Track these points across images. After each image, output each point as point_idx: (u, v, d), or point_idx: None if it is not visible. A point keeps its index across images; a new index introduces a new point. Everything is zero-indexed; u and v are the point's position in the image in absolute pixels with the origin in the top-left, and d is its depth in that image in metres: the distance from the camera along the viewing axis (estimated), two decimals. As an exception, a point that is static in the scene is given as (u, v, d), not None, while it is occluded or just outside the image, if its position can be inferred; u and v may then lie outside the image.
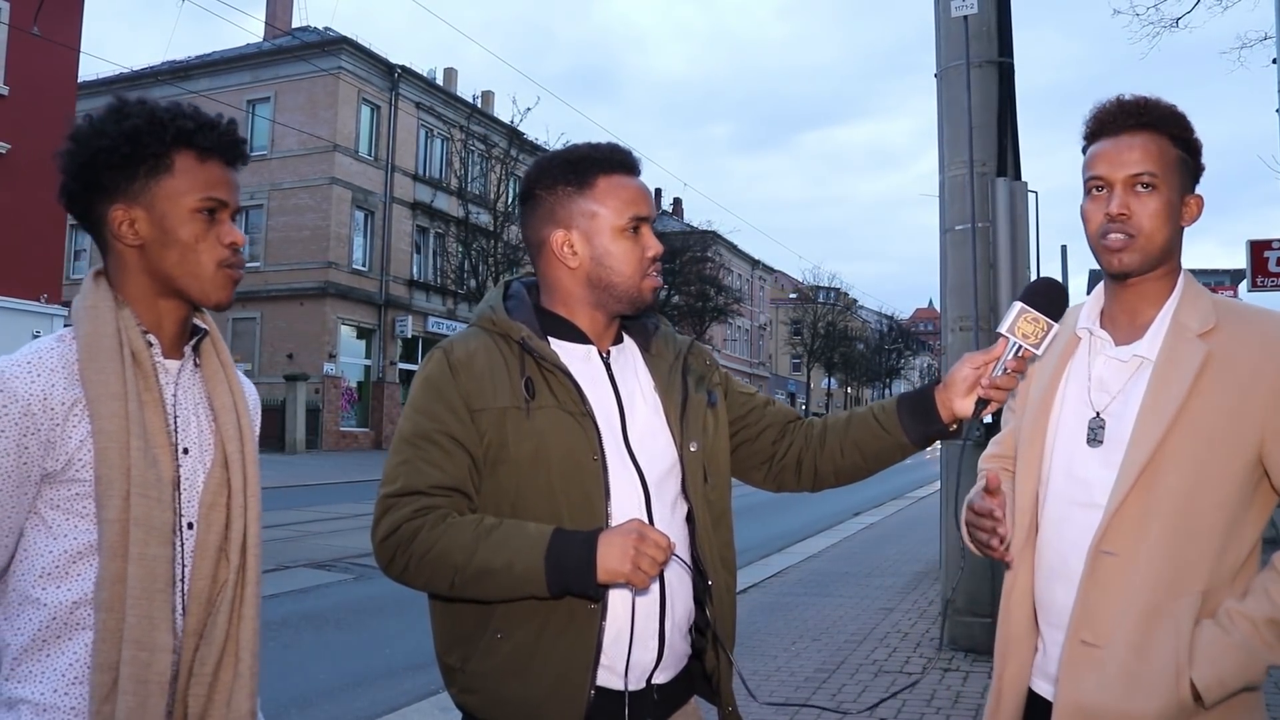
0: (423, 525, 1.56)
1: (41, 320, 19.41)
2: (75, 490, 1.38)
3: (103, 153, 1.43)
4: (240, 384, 1.61)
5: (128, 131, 1.42)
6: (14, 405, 1.34)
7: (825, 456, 1.83)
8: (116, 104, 1.47)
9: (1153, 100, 1.63)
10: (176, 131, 1.44)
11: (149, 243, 1.46)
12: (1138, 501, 1.53)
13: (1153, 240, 1.59)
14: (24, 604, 1.38)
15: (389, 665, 5.89)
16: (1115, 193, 1.60)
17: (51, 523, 1.38)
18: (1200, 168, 1.65)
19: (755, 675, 5.36)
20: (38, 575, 1.38)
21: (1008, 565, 1.71)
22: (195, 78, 29.90)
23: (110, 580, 1.35)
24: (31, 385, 1.36)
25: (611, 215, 1.68)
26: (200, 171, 1.46)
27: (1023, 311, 1.63)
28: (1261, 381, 1.50)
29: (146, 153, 1.43)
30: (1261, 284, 11.01)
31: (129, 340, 1.43)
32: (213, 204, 1.46)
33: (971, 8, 5.85)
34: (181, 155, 1.45)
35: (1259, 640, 1.45)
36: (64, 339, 1.44)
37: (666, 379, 1.76)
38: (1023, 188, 5.80)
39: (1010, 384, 1.66)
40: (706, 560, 1.70)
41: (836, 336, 56.45)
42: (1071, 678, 1.56)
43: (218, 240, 1.47)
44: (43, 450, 1.36)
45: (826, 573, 9.11)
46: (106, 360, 1.40)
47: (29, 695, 1.37)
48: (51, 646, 1.37)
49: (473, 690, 1.64)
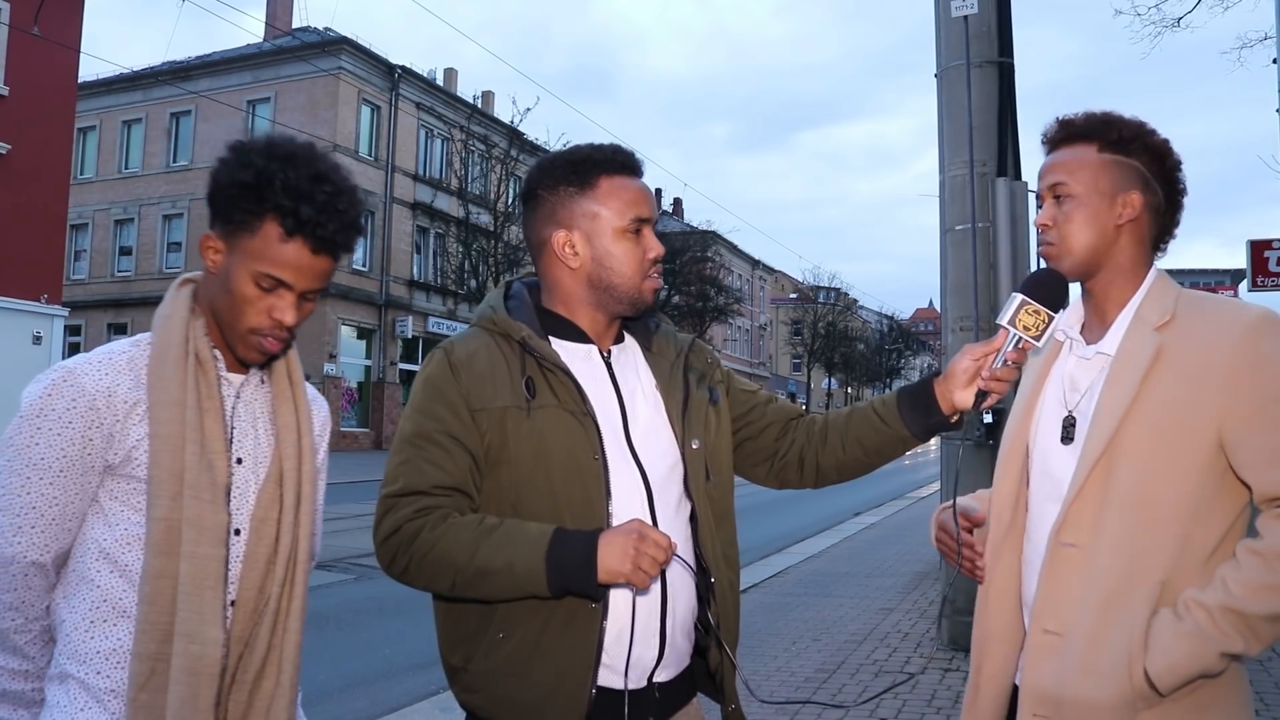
0: (424, 525, 1.56)
1: (41, 320, 19.40)
2: (130, 486, 1.47)
3: (217, 184, 1.49)
4: (308, 404, 1.67)
5: (237, 180, 1.46)
6: (81, 399, 1.44)
7: (827, 452, 1.83)
8: (263, 144, 1.50)
9: (1082, 114, 1.71)
10: (275, 206, 1.46)
11: (218, 276, 1.52)
12: (1095, 492, 1.56)
13: (1070, 244, 1.66)
14: (80, 583, 1.47)
15: (389, 665, 5.89)
16: (1045, 205, 1.70)
17: (109, 511, 1.48)
18: (1164, 166, 1.67)
19: (756, 675, 5.36)
20: (94, 557, 1.47)
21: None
22: (196, 78, 29.91)
23: (154, 575, 1.43)
24: (99, 381, 1.45)
25: (613, 216, 1.68)
26: (277, 249, 1.47)
27: (1024, 303, 1.65)
28: (1213, 370, 1.51)
29: (239, 207, 1.47)
30: (1262, 284, 11.01)
31: (196, 349, 1.51)
32: (272, 283, 1.49)
33: (971, 8, 5.85)
34: (270, 225, 1.47)
35: (1213, 628, 1.45)
36: (139, 343, 1.54)
37: (668, 377, 1.76)
38: (1023, 187, 5.80)
39: (1010, 375, 1.67)
40: (709, 558, 1.70)
41: (837, 337, 56.45)
42: (1034, 665, 1.60)
43: (266, 311, 1.50)
44: (105, 443, 1.45)
45: (827, 573, 9.11)
46: (171, 368, 1.48)
47: (75, 672, 1.45)
48: (98, 628, 1.46)
49: (475, 690, 1.64)
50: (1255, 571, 1.46)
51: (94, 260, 32.05)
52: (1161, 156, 1.67)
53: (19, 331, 18.82)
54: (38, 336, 19.29)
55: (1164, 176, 1.68)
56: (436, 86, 32.86)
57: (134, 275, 31.21)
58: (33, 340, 19.15)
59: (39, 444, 1.42)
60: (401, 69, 30.48)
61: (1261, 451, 1.49)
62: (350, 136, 29.01)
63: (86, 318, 29.65)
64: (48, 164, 18.97)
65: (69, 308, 21.07)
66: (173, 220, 30.84)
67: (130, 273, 31.40)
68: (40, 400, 1.43)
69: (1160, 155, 1.67)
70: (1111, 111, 1.70)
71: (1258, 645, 1.46)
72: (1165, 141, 1.69)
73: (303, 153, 1.50)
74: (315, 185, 1.47)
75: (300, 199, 1.45)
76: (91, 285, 31.35)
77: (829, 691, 5.05)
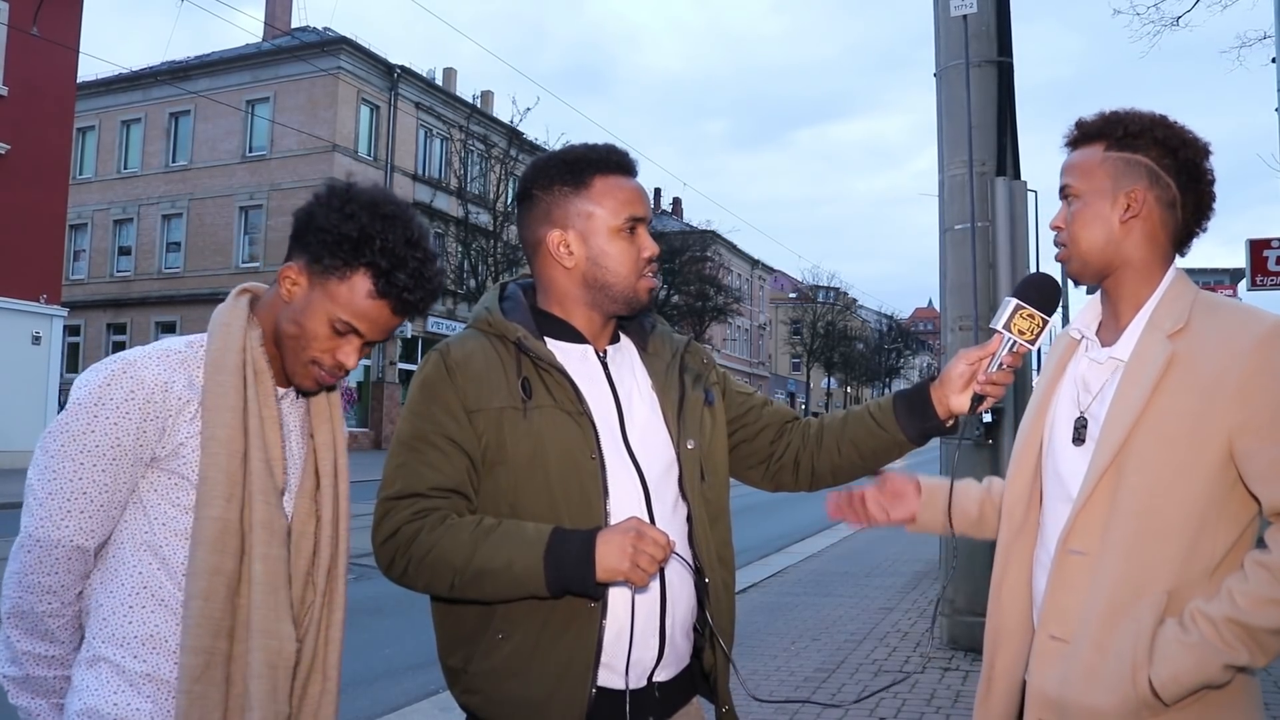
0: (422, 527, 1.56)
1: (41, 320, 19.40)
2: (173, 481, 1.51)
3: (314, 219, 1.53)
4: (344, 423, 1.72)
5: (341, 230, 1.50)
6: (140, 390, 1.47)
7: (823, 455, 1.83)
8: (369, 196, 1.54)
9: (1092, 115, 1.69)
10: (371, 264, 1.50)
11: (292, 305, 1.55)
12: (1103, 500, 1.55)
13: (1080, 247, 1.65)
14: (120, 569, 1.51)
15: (389, 665, 5.89)
16: (1058, 209, 1.70)
17: (148, 504, 1.51)
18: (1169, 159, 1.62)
19: (755, 675, 5.36)
20: (136, 546, 1.51)
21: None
22: (195, 78, 29.89)
23: (209, 571, 1.47)
24: (157, 375, 1.49)
25: (608, 215, 1.68)
26: (363, 303, 1.52)
27: (1018, 308, 1.65)
28: (1226, 380, 1.50)
29: (337, 253, 1.51)
30: (1261, 283, 11.00)
31: (253, 359, 1.55)
32: (347, 329, 1.54)
33: (971, 7, 5.85)
34: (361, 277, 1.52)
35: (1218, 640, 1.45)
36: (193, 344, 1.57)
37: (664, 377, 1.76)
38: (1022, 187, 5.80)
39: (1006, 379, 1.67)
40: (704, 558, 1.70)
41: (836, 336, 56.45)
42: (1040, 669, 1.60)
43: (331, 353, 1.55)
44: (157, 435, 1.49)
45: (826, 572, 9.11)
46: (229, 375, 1.52)
47: (110, 655, 1.48)
48: (137, 613, 1.49)
49: (475, 691, 1.64)
50: (1262, 585, 1.45)
51: (93, 260, 32.05)
52: (1174, 149, 1.62)
53: (18, 331, 18.82)
54: (37, 336, 19.28)
55: (1181, 169, 1.63)
56: (436, 86, 32.85)
57: (133, 275, 31.21)
58: (32, 340, 19.16)
59: (95, 431, 1.45)
60: (401, 69, 30.47)
61: (1272, 464, 1.47)
62: (349, 136, 29.00)
63: (85, 318, 29.66)
64: (47, 164, 18.98)
65: (68, 308, 21.08)
66: (172, 220, 30.83)
67: (129, 273, 31.39)
68: (99, 389, 1.46)
69: (1172, 148, 1.62)
70: (1127, 109, 1.67)
71: (1264, 658, 1.46)
72: (1181, 133, 1.64)
73: (403, 215, 1.55)
74: (409, 250, 1.52)
75: (396, 264, 1.51)
76: (90, 285, 31.34)
77: (828, 691, 5.05)
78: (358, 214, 1.51)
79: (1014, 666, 1.70)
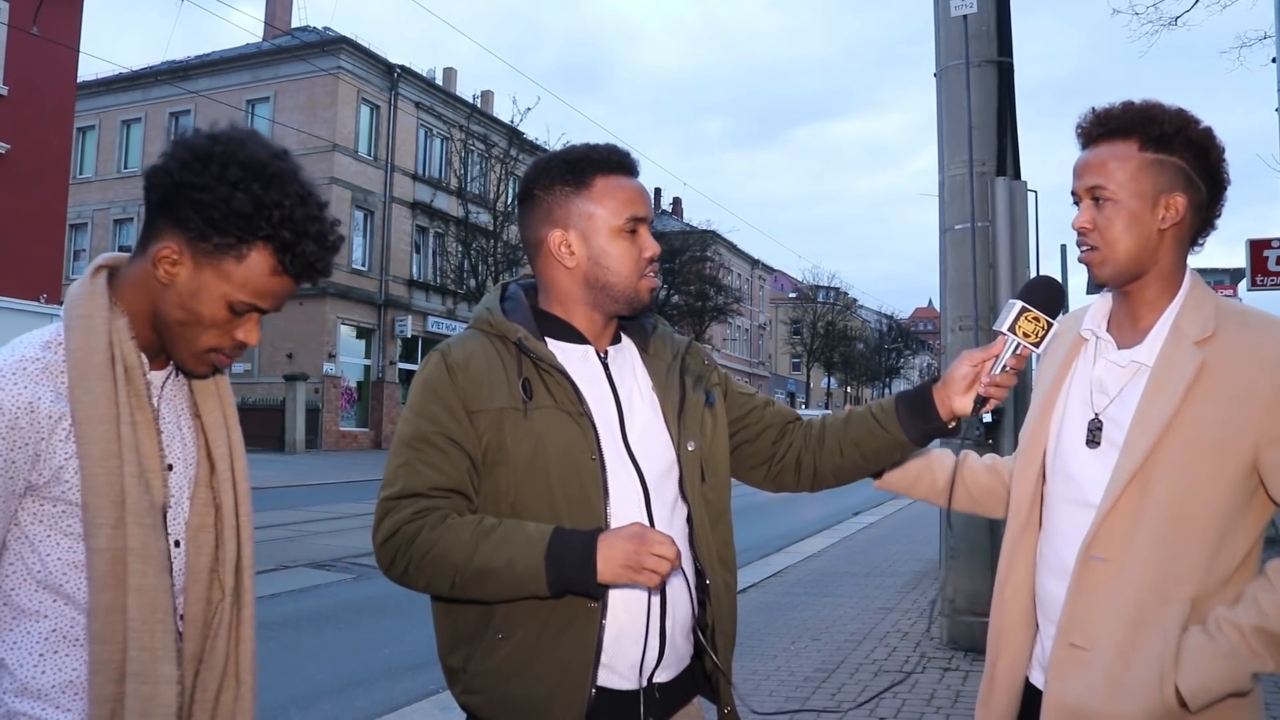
0: (423, 527, 1.56)
1: (41, 320, 19.37)
2: (59, 509, 1.33)
3: (197, 190, 1.33)
4: (231, 395, 1.54)
5: (233, 203, 1.32)
6: (1, 417, 1.28)
7: (824, 456, 1.83)
8: (252, 157, 1.35)
9: (1120, 107, 1.62)
10: (273, 235, 1.34)
11: (173, 288, 1.36)
12: (1128, 507, 1.54)
13: (1115, 250, 1.59)
14: (20, 617, 1.34)
15: (389, 665, 5.89)
16: (1081, 206, 1.63)
17: (35, 538, 1.33)
18: (1208, 162, 1.60)
19: (755, 675, 5.36)
20: (31, 588, 1.33)
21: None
22: (195, 78, 29.88)
23: (103, 610, 1.30)
24: (18, 396, 1.29)
25: (609, 215, 1.68)
26: (264, 280, 1.36)
27: (1023, 310, 1.64)
28: (1256, 391, 1.49)
29: (231, 229, 1.33)
30: (1261, 283, 10.99)
31: (122, 355, 1.36)
32: (246, 308, 1.38)
33: (971, 7, 5.85)
34: (260, 253, 1.34)
35: (1245, 648, 1.45)
36: (50, 346, 1.36)
37: (664, 378, 1.76)
38: (1022, 187, 5.80)
39: (1009, 381, 1.67)
40: (704, 559, 1.70)
41: (836, 336, 56.47)
42: (1059, 678, 1.58)
43: (229, 333, 1.39)
44: (29, 463, 1.30)
45: (826, 572, 9.11)
46: (97, 380, 1.32)
47: (31, 710, 1.32)
48: (50, 660, 1.33)
49: (475, 691, 1.64)
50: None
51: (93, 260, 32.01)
52: (1205, 150, 1.59)
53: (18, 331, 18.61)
54: (37, 336, 19.25)
55: (1210, 172, 1.60)
56: (436, 86, 32.85)
57: (133, 275, 31.17)
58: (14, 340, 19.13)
59: None
60: (401, 68, 30.47)
61: None
62: (349, 136, 28.99)
63: (86, 317, 29.62)
64: (47, 163, 18.98)
65: (68, 307, 21.07)
66: (172, 220, 30.79)
67: (129, 272, 31.38)
68: None
69: (1204, 149, 1.59)
70: (1152, 102, 1.61)
71: None
72: (1208, 131, 1.60)
73: (289, 166, 1.38)
74: (308, 212, 1.36)
75: (299, 234, 1.35)
76: (91, 285, 31.30)
77: (828, 691, 5.05)
78: (244, 181, 1.32)
79: (1017, 665, 1.70)
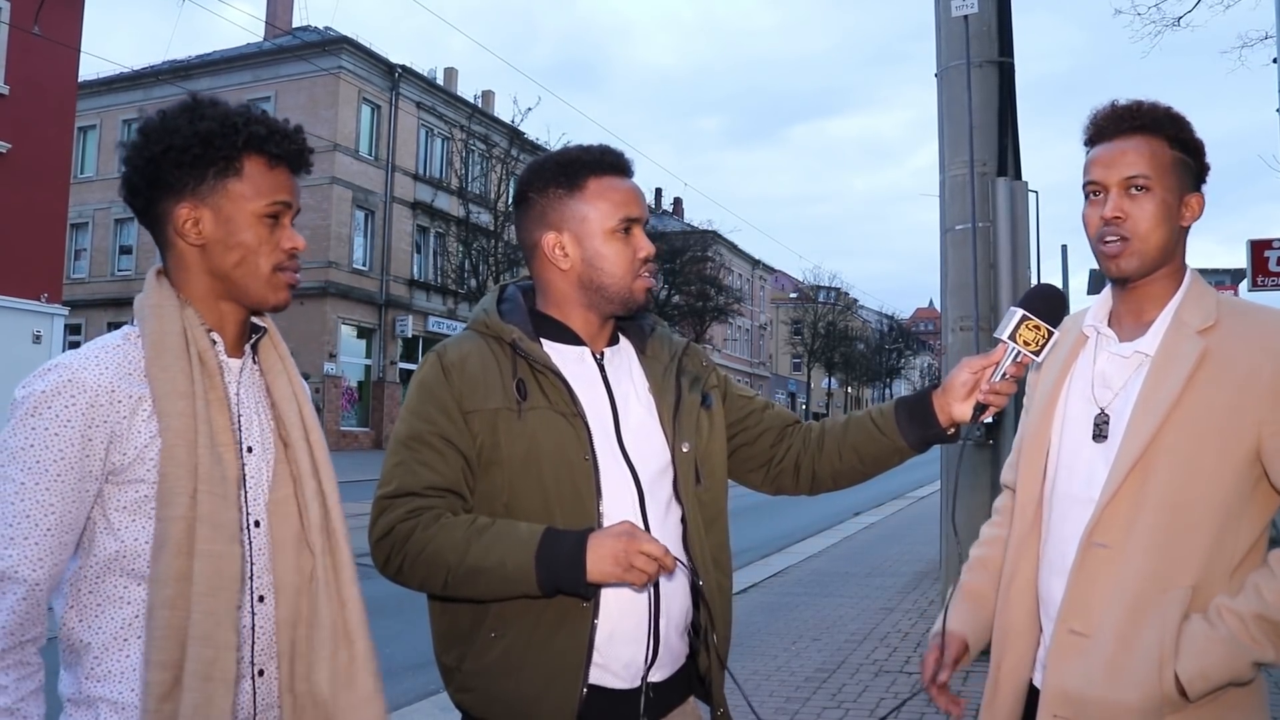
0: (417, 525, 1.57)
1: (41, 320, 19.40)
2: (141, 492, 1.37)
3: (174, 150, 1.43)
4: (299, 376, 1.61)
5: (202, 132, 1.42)
6: (81, 396, 1.34)
7: (823, 460, 1.83)
8: (190, 103, 1.47)
9: (1148, 103, 1.64)
10: (249, 136, 1.44)
11: (212, 243, 1.46)
12: (1130, 494, 1.55)
13: (1148, 242, 1.60)
14: (105, 604, 1.38)
15: (389, 665, 5.85)
16: (1110, 196, 1.62)
17: (118, 525, 1.38)
18: (1204, 167, 1.66)
19: (755, 675, 5.36)
20: (116, 575, 1.38)
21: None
22: (196, 77, 29.89)
23: (174, 577, 1.34)
24: (100, 377, 1.36)
25: (602, 217, 1.68)
26: (268, 177, 1.47)
27: (1024, 319, 1.64)
28: (1258, 378, 1.50)
29: (218, 155, 1.43)
30: (1262, 283, 10.98)
31: (194, 339, 1.43)
32: (277, 209, 1.48)
33: (972, 7, 5.85)
34: (251, 160, 1.45)
35: (1246, 636, 1.45)
36: (129, 337, 1.44)
37: (661, 380, 1.76)
38: (1023, 188, 5.80)
39: (1009, 389, 1.67)
40: (698, 561, 1.70)
41: (837, 336, 56.44)
42: (1058, 665, 1.59)
43: (278, 245, 1.48)
44: (107, 443, 1.35)
45: (826, 573, 9.11)
46: (173, 359, 1.40)
47: (107, 694, 1.36)
48: (132, 645, 1.37)
49: (469, 689, 1.65)
50: None
51: (94, 259, 32.06)
52: (1202, 154, 1.66)
53: (19, 331, 18.82)
54: (37, 336, 19.29)
55: (1203, 174, 1.67)
56: (437, 86, 32.87)
57: (134, 274, 31.19)
58: (33, 339, 19.15)
59: (35, 446, 1.31)
60: (402, 68, 30.48)
61: None
62: (350, 136, 29.01)
63: (86, 317, 29.66)
64: (48, 163, 18.98)
65: (69, 307, 21.08)
66: (173, 219, 30.81)
67: (130, 272, 31.39)
68: (36, 399, 1.33)
69: (1202, 153, 1.66)
70: (1161, 103, 1.65)
71: None
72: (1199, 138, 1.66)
73: (214, 100, 1.49)
74: (257, 114, 1.47)
75: (268, 126, 1.46)
76: (92, 284, 31.36)
77: (829, 691, 5.05)
78: (200, 115, 1.44)
79: (1021, 667, 1.70)
